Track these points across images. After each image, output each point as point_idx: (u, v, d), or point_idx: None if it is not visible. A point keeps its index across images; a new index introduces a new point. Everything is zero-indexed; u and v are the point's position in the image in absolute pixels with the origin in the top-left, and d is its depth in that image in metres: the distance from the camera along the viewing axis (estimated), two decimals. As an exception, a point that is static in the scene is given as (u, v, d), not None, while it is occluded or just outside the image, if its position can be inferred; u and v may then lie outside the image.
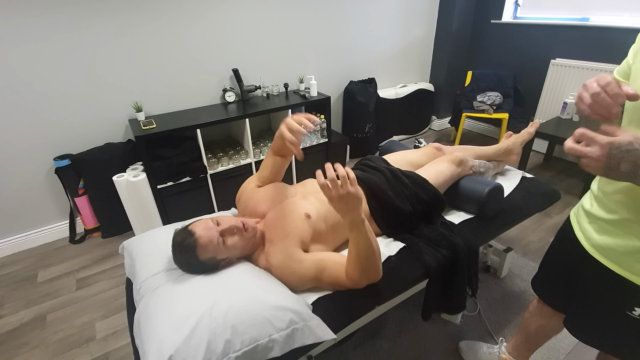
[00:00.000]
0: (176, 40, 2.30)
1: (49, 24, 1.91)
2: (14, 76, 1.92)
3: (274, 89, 2.73)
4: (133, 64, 2.21)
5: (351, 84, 3.14)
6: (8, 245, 2.20)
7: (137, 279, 1.13)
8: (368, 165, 1.49)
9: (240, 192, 1.35)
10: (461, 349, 1.49)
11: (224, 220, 1.09)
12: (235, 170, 2.46)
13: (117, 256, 2.16)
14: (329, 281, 1.10)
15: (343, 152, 3.12)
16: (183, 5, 2.24)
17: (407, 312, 1.69)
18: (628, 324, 0.82)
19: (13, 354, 1.56)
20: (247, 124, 2.37)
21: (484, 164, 1.65)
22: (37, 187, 2.18)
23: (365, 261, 1.01)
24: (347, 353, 1.50)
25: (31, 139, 2.07)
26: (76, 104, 2.12)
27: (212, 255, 1.05)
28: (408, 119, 3.61)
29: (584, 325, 0.94)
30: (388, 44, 3.33)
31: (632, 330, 0.83)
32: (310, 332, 0.96)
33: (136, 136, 2.03)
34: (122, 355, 1.54)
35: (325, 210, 1.24)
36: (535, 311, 1.20)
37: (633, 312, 0.80)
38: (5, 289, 1.94)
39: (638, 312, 0.79)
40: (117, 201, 2.18)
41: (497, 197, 1.45)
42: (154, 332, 0.88)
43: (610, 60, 2.70)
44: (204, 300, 0.93)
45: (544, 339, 1.22)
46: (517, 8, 3.32)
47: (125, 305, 1.27)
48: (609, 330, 0.88)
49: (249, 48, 2.59)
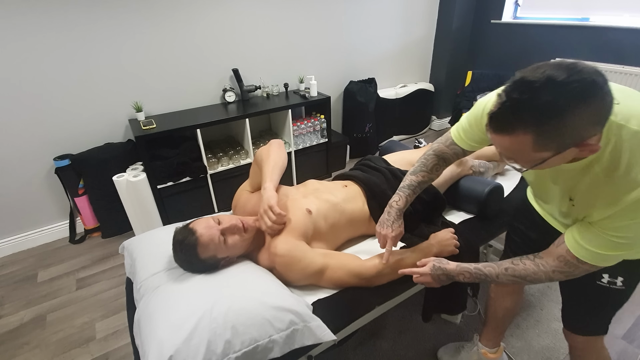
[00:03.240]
0: (176, 40, 2.29)
1: (49, 24, 1.91)
2: (14, 76, 1.92)
3: (274, 89, 2.73)
4: (133, 64, 2.21)
5: (351, 84, 3.14)
6: (8, 245, 2.20)
7: (138, 279, 1.13)
8: (368, 166, 1.49)
9: (236, 198, 1.36)
10: (441, 358, 1.47)
11: (224, 219, 1.09)
12: (235, 170, 2.46)
13: (117, 256, 2.16)
14: (336, 276, 1.11)
15: (343, 152, 3.12)
16: (183, 5, 2.24)
17: (407, 312, 1.69)
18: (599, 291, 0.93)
19: (13, 354, 1.56)
20: (247, 124, 2.37)
21: (484, 164, 1.65)
22: (37, 187, 2.18)
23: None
24: (347, 353, 1.50)
25: (31, 139, 2.06)
26: (76, 104, 2.12)
27: (213, 254, 1.05)
28: (408, 119, 3.61)
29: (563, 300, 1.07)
30: (388, 44, 3.33)
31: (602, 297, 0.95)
32: (310, 332, 0.96)
33: (136, 136, 2.03)
34: (122, 355, 1.54)
35: (326, 209, 1.24)
36: (497, 295, 1.29)
37: (602, 280, 0.92)
38: (5, 289, 1.94)
39: (606, 279, 0.91)
40: (117, 201, 2.18)
41: (497, 197, 1.45)
42: (154, 332, 0.88)
43: (610, 60, 2.69)
44: (204, 301, 0.93)
45: (511, 319, 1.34)
46: (517, 8, 3.32)
47: (125, 305, 1.27)
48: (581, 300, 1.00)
49: (249, 48, 2.58)
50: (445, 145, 1.06)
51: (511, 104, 0.61)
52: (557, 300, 1.71)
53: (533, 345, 1.52)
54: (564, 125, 0.59)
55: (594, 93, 0.58)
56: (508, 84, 0.63)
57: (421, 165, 1.11)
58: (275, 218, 1.09)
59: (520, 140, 0.62)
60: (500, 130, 0.64)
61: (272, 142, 1.32)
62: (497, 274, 0.91)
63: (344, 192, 1.34)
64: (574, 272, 0.82)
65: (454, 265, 1.00)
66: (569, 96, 0.57)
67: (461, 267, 0.98)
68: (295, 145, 2.69)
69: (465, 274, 0.97)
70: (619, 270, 0.89)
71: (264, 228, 1.12)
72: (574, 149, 0.63)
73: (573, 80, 0.57)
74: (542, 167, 0.68)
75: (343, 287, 1.14)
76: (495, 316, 1.33)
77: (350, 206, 1.31)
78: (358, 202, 1.34)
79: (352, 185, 1.40)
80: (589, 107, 0.58)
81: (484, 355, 1.37)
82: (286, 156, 1.32)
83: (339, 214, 1.27)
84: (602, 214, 0.72)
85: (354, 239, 1.38)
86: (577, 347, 1.08)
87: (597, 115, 0.60)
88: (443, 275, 1.01)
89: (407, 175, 1.14)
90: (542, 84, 0.58)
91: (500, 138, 0.66)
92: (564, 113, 0.58)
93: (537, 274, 0.85)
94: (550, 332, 1.58)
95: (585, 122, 0.60)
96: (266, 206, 1.11)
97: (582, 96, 0.57)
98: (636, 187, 0.66)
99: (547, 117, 0.59)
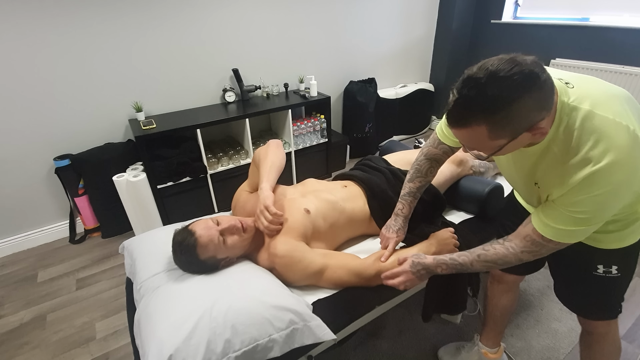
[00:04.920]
0: (176, 40, 2.29)
1: (48, 24, 1.91)
2: (14, 76, 1.92)
3: (274, 89, 2.73)
4: (133, 64, 2.21)
5: (351, 84, 3.14)
6: (8, 245, 2.20)
7: (138, 279, 1.13)
8: (368, 165, 1.50)
9: (235, 199, 1.36)
10: (441, 358, 1.48)
11: (223, 220, 1.09)
12: (235, 170, 2.46)
13: (117, 256, 2.16)
14: (336, 276, 1.11)
15: (343, 152, 3.12)
16: (183, 5, 2.24)
17: (407, 312, 1.69)
18: (598, 281, 0.96)
19: (13, 354, 1.56)
20: (247, 124, 2.37)
21: (484, 164, 1.65)
22: (37, 187, 2.18)
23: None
24: (347, 353, 1.50)
25: (31, 139, 2.06)
26: (76, 104, 2.12)
27: (213, 255, 1.05)
28: (408, 119, 3.61)
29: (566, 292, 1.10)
30: (388, 44, 3.33)
31: (603, 286, 0.97)
32: (310, 332, 0.96)
33: (136, 136, 2.03)
34: (122, 355, 1.53)
35: (325, 208, 1.24)
36: (493, 294, 1.32)
37: (597, 271, 0.95)
38: (5, 289, 1.94)
39: (601, 269, 0.94)
40: (117, 201, 2.18)
41: (497, 197, 1.45)
42: (154, 331, 0.88)
43: (610, 60, 2.69)
44: (204, 300, 0.93)
45: (509, 317, 1.36)
46: (517, 8, 3.32)
47: (125, 305, 1.27)
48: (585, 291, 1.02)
49: (249, 48, 2.58)
50: (434, 147, 1.14)
51: (462, 100, 0.68)
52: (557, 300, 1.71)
53: (533, 345, 1.52)
54: (513, 114, 0.65)
55: (534, 82, 0.64)
56: (458, 82, 0.69)
57: (416, 172, 1.20)
58: (271, 218, 1.10)
59: (476, 132, 0.69)
60: (456, 124, 0.71)
61: (270, 142, 1.32)
62: (470, 262, 0.95)
63: (343, 192, 1.34)
64: (541, 250, 0.85)
65: (431, 259, 1.02)
66: (512, 88, 0.63)
67: (437, 260, 1.01)
68: (295, 145, 2.69)
69: (442, 265, 1.00)
70: (611, 259, 0.93)
71: (262, 229, 1.12)
72: (527, 133, 0.69)
73: (514, 73, 0.62)
74: (502, 152, 0.74)
75: (343, 287, 1.14)
76: (493, 315, 1.34)
77: (350, 205, 1.31)
78: (359, 201, 1.34)
79: (352, 185, 1.40)
80: (532, 95, 0.64)
81: (485, 355, 1.37)
82: (284, 156, 1.32)
83: (338, 213, 1.27)
84: (560, 191, 0.76)
85: (354, 239, 1.38)
86: (593, 331, 1.10)
87: (541, 101, 0.66)
88: (423, 269, 1.03)
89: (406, 183, 1.23)
90: (487, 79, 0.64)
91: (458, 131, 0.72)
92: (511, 103, 0.64)
93: (507, 257, 0.89)
94: (550, 332, 1.58)
95: (531, 109, 0.66)
96: (262, 207, 1.12)
97: (524, 86, 0.63)
98: (588, 163, 0.70)
99: (496, 108, 0.65)
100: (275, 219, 1.11)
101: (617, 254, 0.91)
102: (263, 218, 1.11)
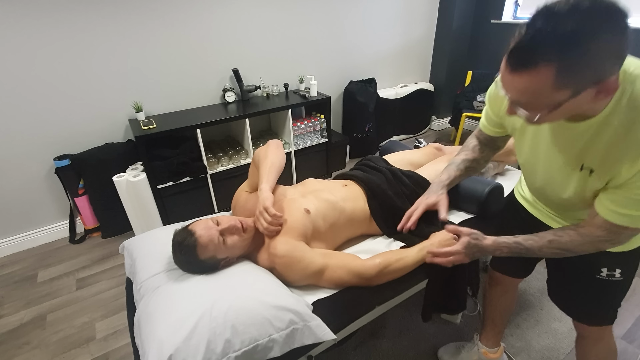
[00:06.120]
0: (176, 40, 2.30)
1: (48, 24, 1.91)
2: (14, 76, 1.92)
3: (274, 89, 2.73)
4: (133, 64, 2.21)
5: (351, 84, 3.14)
6: (8, 245, 2.20)
7: (138, 279, 1.13)
8: (368, 166, 1.50)
9: (235, 199, 1.36)
10: (441, 358, 1.47)
11: (223, 220, 1.09)
12: (235, 170, 2.46)
13: (117, 256, 2.16)
14: (336, 275, 1.11)
15: (343, 152, 3.12)
16: (183, 5, 2.24)
17: (407, 312, 1.69)
18: (601, 284, 0.95)
19: (13, 354, 1.56)
20: (247, 124, 2.37)
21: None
22: (37, 187, 2.18)
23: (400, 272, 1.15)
24: (347, 353, 1.50)
25: (31, 139, 2.06)
26: (76, 104, 2.12)
27: (213, 255, 1.05)
28: (408, 119, 3.61)
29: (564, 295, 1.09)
30: (388, 44, 3.33)
31: (604, 289, 0.96)
32: (310, 332, 0.96)
33: (136, 136, 2.03)
34: (122, 355, 1.54)
35: (324, 208, 1.24)
36: (492, 295, 1.32)
37: (601, 274, 0.93)
38: (5, 289, 1.94)
39: (605, 272, 0.93)
40: (117, 201, 2.18)
41: (497, 197, 1.45)
42: (154, 331, 0.88)
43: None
44: (204, 300, 0.93)
45: (508, 317, 1.36)
46: (517, 8, 3.32)
47: (125, 305, 1.27)
48: (585, 295, 1.01)
49: (249, 48, 2.58)
50: (477, 131, 1.15)
51: (534, 34, 0.58)
52: (557, 300, 1.71)
53: (533, 345, 1.52)
54: (590, 54, 0.57)
55: (619, 21, 0.57)
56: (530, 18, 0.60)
57: (463, 147, 1.20)
58: (270, 219, 1.10)
59: (541, 76, 0.59)
60: (520, 65, 0.61)
61: (270, 142, 1.32)
62: (539, 247, 0.89)
63: (343, 192, 1.34)
64: (618, 238, 0.79)
65: (490, 241, 0.97)
66: (595, 23, 0.56)
67: (498, 243, 0.96)
68: (295, 145, 2.69)
69: (504, 249, 0.95)
70: (616, 262, 0.91)
71: (261, 230, 1.12)
72: (591, 90, 0.61)
73: (599, 6, 0.56)
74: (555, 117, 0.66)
75: (343, 286, 1.14)
76: (492, 316, 1.34)
77: (350, 205, 1.31)
78: (359, 201, 1.34)
79: (352, 185, 1.40)
80: (614, 36, 0.57)
81: (485, 355, 1.37)
82: (284, 156, 1.32)
83: (338, 213, 1.27)
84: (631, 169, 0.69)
85: (354, 239, 1.38)
86: (588, 336, 1.09)
87: (619, 47, 0.58)
88: (478, 252, 1.00)
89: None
90: (567, 11, 0.56)
91: (518, 78, 0.62)
92: (590, 41, 0.56)
93: (584, 245, 0.83)
94: (550, 332, 1.58)
95: (609, 53, 0.58)
96: (261, 207, 1.12)
97: (607, 24, 0.56)
98: None
99: (572, 45, 0.56)
100: (274, 220, 1.10)
101: (622, 257, 0.89)
102: (262, 219, 1.11)
